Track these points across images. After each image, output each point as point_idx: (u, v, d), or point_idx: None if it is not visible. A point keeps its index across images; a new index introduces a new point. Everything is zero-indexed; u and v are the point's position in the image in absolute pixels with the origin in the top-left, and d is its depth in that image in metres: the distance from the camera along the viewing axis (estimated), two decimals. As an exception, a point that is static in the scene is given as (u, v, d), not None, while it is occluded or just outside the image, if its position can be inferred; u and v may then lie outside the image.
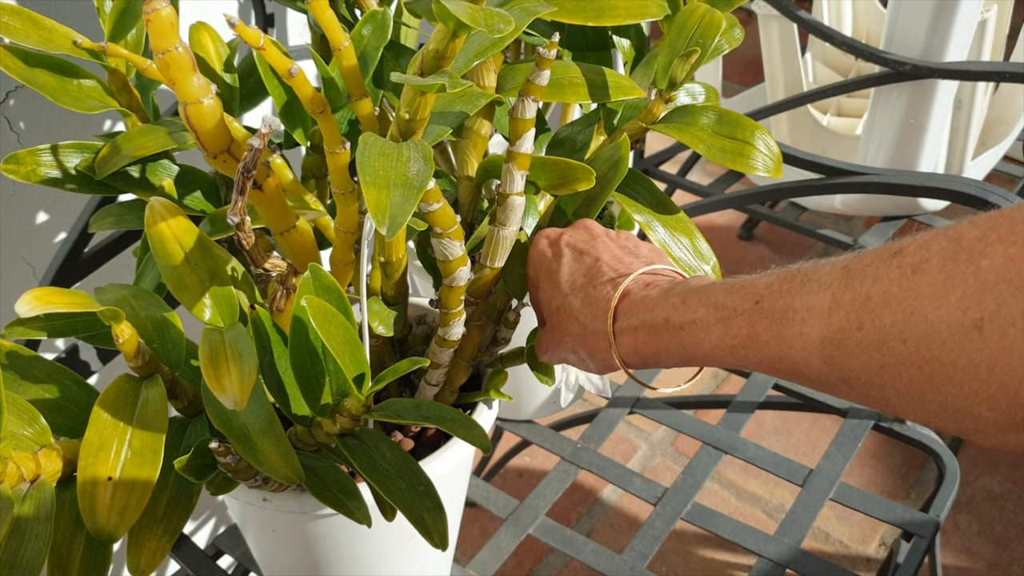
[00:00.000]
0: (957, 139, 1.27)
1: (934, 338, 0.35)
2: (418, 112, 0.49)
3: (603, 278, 0.52)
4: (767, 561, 0.75)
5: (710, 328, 0.45)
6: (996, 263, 0.33)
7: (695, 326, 0.46)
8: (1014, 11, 1.36)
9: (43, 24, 0.56)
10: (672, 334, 0.47)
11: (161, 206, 0.50)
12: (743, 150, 0.58)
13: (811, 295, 0.40)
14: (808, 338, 0.40)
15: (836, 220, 1.73)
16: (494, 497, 0.81)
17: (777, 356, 0.42)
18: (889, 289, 0.37)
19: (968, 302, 0.34)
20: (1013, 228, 0.33)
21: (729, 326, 0.44)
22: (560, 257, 0.55)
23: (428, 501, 0.50)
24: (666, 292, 0.49)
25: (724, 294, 0.45)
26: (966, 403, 0.35)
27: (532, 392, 0.85)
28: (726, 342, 0.44)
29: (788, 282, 0.42)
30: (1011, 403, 0.33)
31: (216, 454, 0.48)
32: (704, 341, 0.46)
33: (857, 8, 1.48)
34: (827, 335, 0.39)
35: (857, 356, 0.38)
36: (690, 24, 0.58)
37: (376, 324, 0.58)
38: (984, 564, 1.24)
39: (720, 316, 0.45)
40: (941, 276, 0.35)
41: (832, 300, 0.39)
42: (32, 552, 0.43)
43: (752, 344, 0.43)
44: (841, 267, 0.40)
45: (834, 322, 0.39)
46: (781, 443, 1.41)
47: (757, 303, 0.43)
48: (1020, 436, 0.34)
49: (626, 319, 0.50)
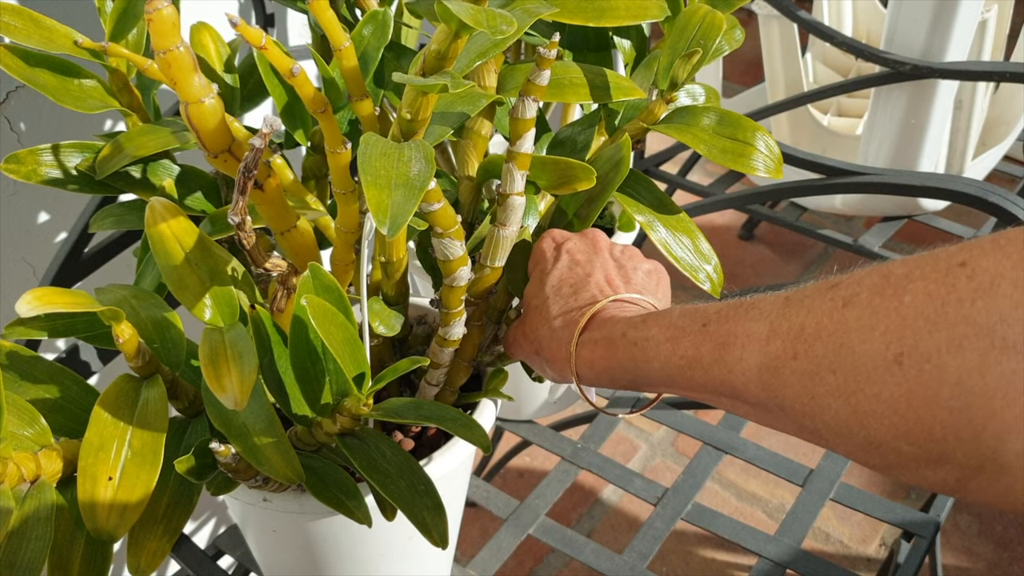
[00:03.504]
0: (957, 139, 1.27)
1: (860, 371, 0.35)
2: (420, 112, 0.49)
3: (586, 293, 0.53)
4: (767, 561, 0.75)
5: (660, 346, 0.46)
6: (917, 299, 0.34)
7: (647, 343, 0.47)
8: (1014, 11, 1.36)
9: (44, 24, 0.56)
10: (626, 349, 0.48)
11: (162, 206, 0.50)
12: (744, 151, 0.59)
13: (752, 322, 0.41)
14: (747, 364, 0.41)
15: (836, 220, 1.73)
16: (494, 497, 0.81)
17: (719, 379, 0.43)
18: (821, 321, 0.37)
19: (890, 337, 0.34)
20: (936, 266, 0.34)
21: (677, 345, 0.45)
22: (556, 261, 0.56)
23: (428, 501, 0.50)
24: (632, 315, 0.50)
25: (678, 316, 0.46)
26: (887, 437, 0.35)
27: (532, 392, 0.85)
28: (673, 362, 0.45)
29: (735, 309, 0.43)
30: (927, 438, 0.34)
31: (216, 454, 0.48)
32: (654, 358, 0.47)
33: (857, 8, 1.48)
34: (764, 362, 0.40)
35: (791, 384, 0.38)
36: (691, 25, 0.58)
37: (376, 324, 0.58)
38: (984, 564, 1.24)
39: (670, 335, 0.46)
40: (868, 310, 0.36)
41: (770, 328, 0.40)
42: (32, 552, 0.43)
43: (697, 365, 0.44)
44: (783, 297, 0.41)
45: (771, 350, 0.39)
46: (781, 443, 1.41)
47: (704, 326, 0.44)
48: (936, 472, 0.35)
49: (589, 333, 0.51)
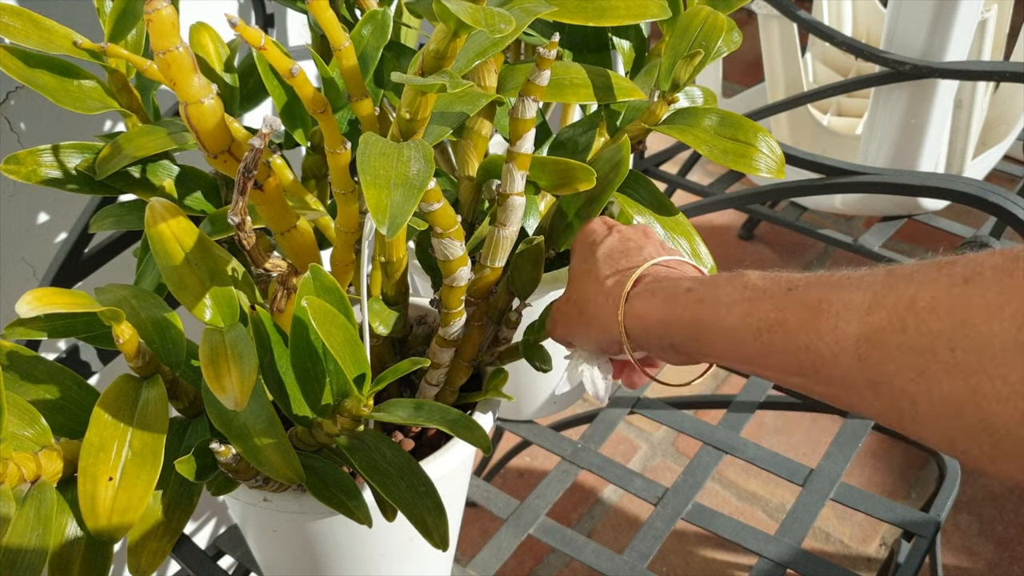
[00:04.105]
0: (957, 139, 1.27)
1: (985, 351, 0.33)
2: (419, 112, 0.49)
3: (639, 257, 0.53)
4: (768, 561, 0.75)
5: (734, 306, 0.44)
6: None
7: (718, 302, 0.45)
8: (1014, 11, 1.36)
9: (43, 24, 0.56)
10: (690, 305, 0.47)
11: (161, 206, 0.50)
12: (746, 151, 0.59)
13: (849, 292, 0.39)
14: (842, 332, 0.39)
15: (836, 220, 1.73)
16: (495, 497, 0.81)
17: (804, 346, 0.41)
18: (937, 295, 0.36)
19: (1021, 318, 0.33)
20: None
21: (756, 306, 0.43)
22: (608, 236, 0.55)
23: (429, 501, 0.50)
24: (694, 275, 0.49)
25: (756, 277, 0.45)
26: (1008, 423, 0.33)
27: (532, 392, 0.85)
28: (749, 323, 0.43)
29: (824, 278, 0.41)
30: None
31: (217, 455, 0.48)
32: (725, 318, 0.44)
33: (857, 8, 1.48)
34: (865, 333, 0.38)
35: (895, 359, 0.37)
36: (693, 27, 0.58)
37: (377, 324, 0.58)
38: (985, 564, 1.24)
39: (748, 296, 0.44)
40: (994, 289, 0.34)
41: (873, 299, 0.38)
42: (32, 552, 0.43)
43: (778, 329, 0.42)
44: (885, 270, 0.39)
45: (873, 321, 0.38)
46: (782, 443, 1.41)
47: (790, 290, 0.42)
48: None
49: (645, 285, 0.50)
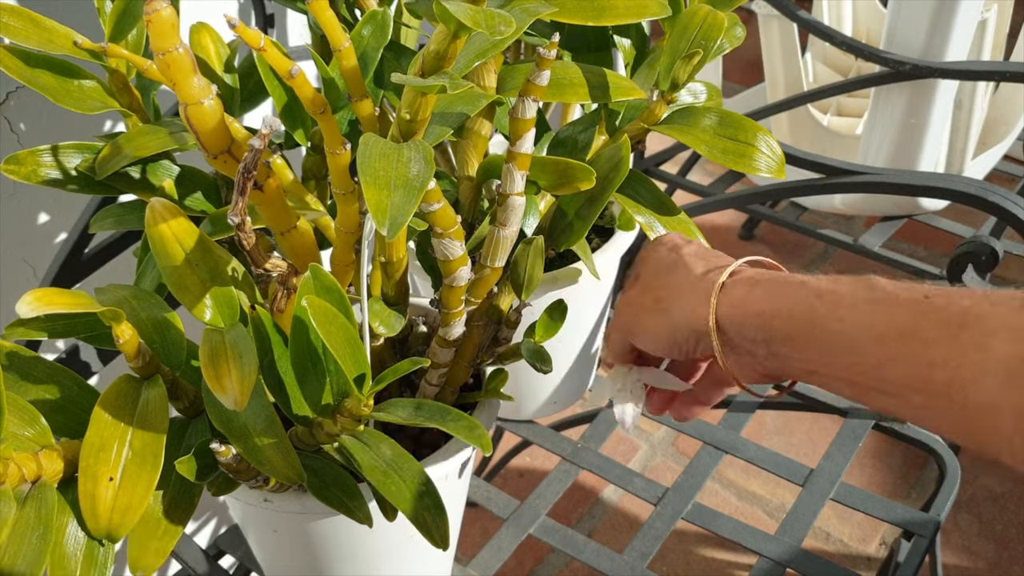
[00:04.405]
0: (957, 139, 1.27)
1: None
2: (419, 113, 0.49)
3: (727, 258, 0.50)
4: (768, 560, 0.75)
5: (860, 306, 0.41)
6: None
7: (839, 298, 0.42)
8: (1014, 11, 1.36)
9: (43, 24, 0.56)
10: (804, 296, 0.43)
11: (162, 207, 0.50)
12: (745, 151, 0.58)
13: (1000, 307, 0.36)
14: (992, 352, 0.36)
15: (836, 220, 1.73)
16: (495, 497, 0.81)
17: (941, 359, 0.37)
18: None
19: None
20: None
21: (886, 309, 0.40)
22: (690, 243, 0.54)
23: (429, 501, 0.50)
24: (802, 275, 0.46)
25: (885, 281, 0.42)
26: None
27: (532, 392, 0.85)
28: (876, 327, 0.40)
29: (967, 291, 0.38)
30: None
31: (217, 455, 0.48)
32: (847, 316, 0.41)
33: (857, 8, 1.48)
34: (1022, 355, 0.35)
35: None
36: (692, 25, 0.58)
37: (377, 324, 0.58)
38: (985, 564, 1.24)
39: (875, 297, 0.41)
40: None
41: None
42: (33, 552, 0.43)
43: (913, 338, 0.39)
44: None
45: None
46: (782, 443, 1.41)
47: (927, 297, 0.39)
48: None
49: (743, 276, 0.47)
